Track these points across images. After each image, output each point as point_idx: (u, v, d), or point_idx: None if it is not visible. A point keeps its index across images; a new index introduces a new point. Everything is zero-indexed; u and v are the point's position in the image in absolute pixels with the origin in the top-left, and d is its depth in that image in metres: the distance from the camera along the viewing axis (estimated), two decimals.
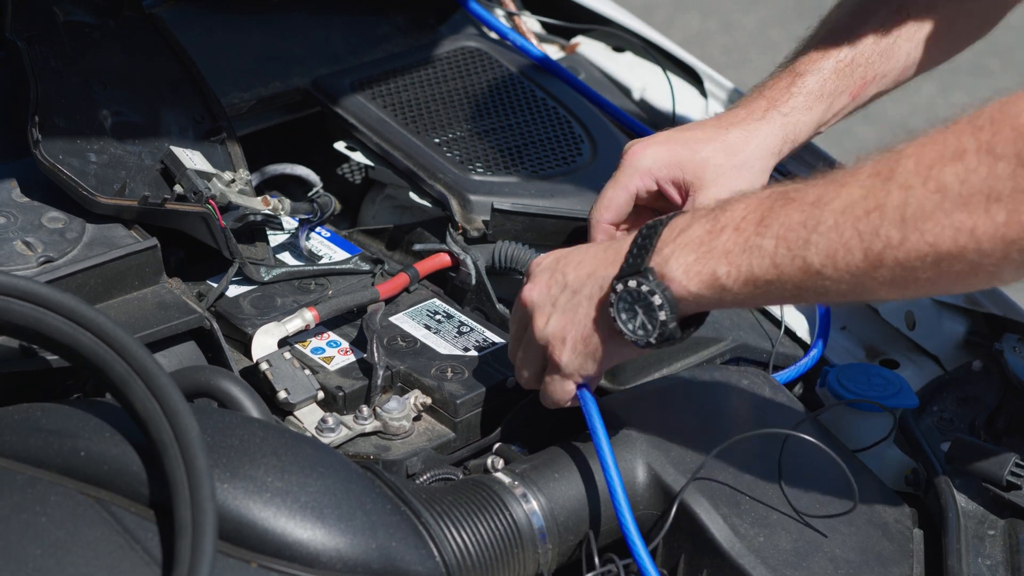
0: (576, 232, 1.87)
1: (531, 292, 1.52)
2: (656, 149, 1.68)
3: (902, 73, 1.78)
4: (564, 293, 1.49)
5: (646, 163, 1.67)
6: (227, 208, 1.73)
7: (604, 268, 1.47)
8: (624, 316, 1.44)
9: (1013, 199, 1.28)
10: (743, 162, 1.68)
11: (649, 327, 1.43)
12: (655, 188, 1.68)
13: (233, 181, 1.76)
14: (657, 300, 1.41)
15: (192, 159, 1.74)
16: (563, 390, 1.52)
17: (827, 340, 1.83)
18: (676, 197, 1.68)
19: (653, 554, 1.52)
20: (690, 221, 1.43)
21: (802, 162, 2.13)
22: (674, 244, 1.42)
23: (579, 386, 1.52)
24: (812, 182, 1.39)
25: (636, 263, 1.43)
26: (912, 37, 1.75)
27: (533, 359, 1.54)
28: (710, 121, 1.72)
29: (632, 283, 1.42)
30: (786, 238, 1.36)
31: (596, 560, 1.47)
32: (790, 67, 1.75)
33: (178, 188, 1.71)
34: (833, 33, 1.75)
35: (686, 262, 1.41)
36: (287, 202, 1.79)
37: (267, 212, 1.76)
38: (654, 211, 1.68)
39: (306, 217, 1.83)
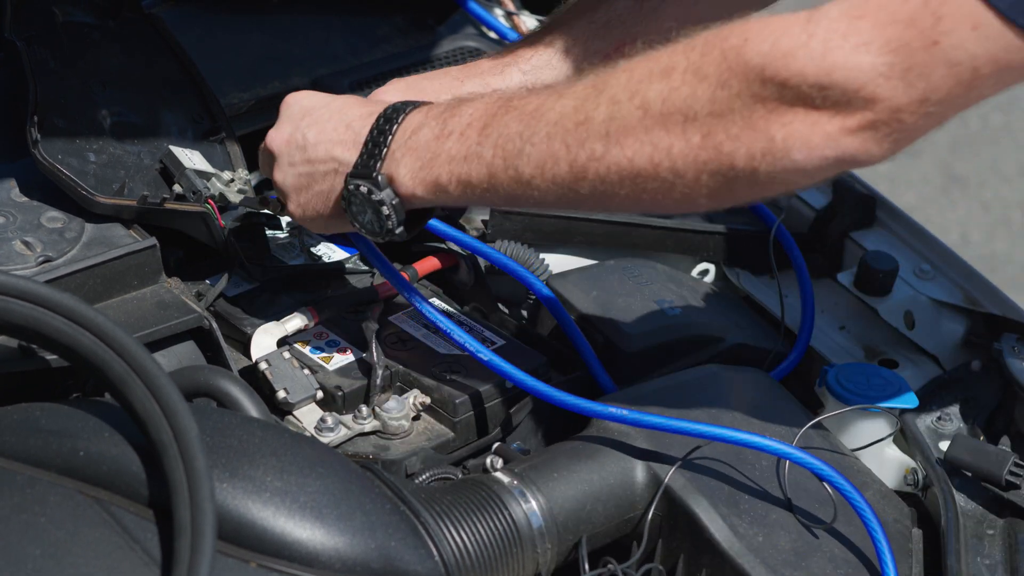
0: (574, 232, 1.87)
1: (275, 137, 1.58)
2: (398, 92, 1.66)
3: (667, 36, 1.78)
4: (302, 158, 1.55)
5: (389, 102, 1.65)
6: (226, 208, 1.73)
7: (342, 150, 1.52)
8: (355, 210, 1.52)
9: (708, 121, 1.30)
10: None
11: (376, 226, 1.52)
12: None
13: (232, 181, 1.76)
14: (385, 210, 1.49)
15: (191, 159, 1.74)
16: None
17: (811, 332, 1.82)
18: None
19: (653, 553, 1.52)
20: (421, 122, 1.48)
21: None
22: (405, 148, 1.48)
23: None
24: (536, 91, 1.44)
25: (369, 165, 1.49)
26: (681, 2, 1.70)
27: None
28: (453, 70, 1.71)
29: (364, 188, 1.49)
30: (503, 148, 1.41)
31: (586, 565, 1.47)
32: (547, 25, 1.73)
33: (177, 188, 1.71)
34: None
35: (413, 168, 1.47)
36: None
37: (266, 212, 1.76)
38: None
39: None
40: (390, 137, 1.49)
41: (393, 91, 1.67)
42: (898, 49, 1.25)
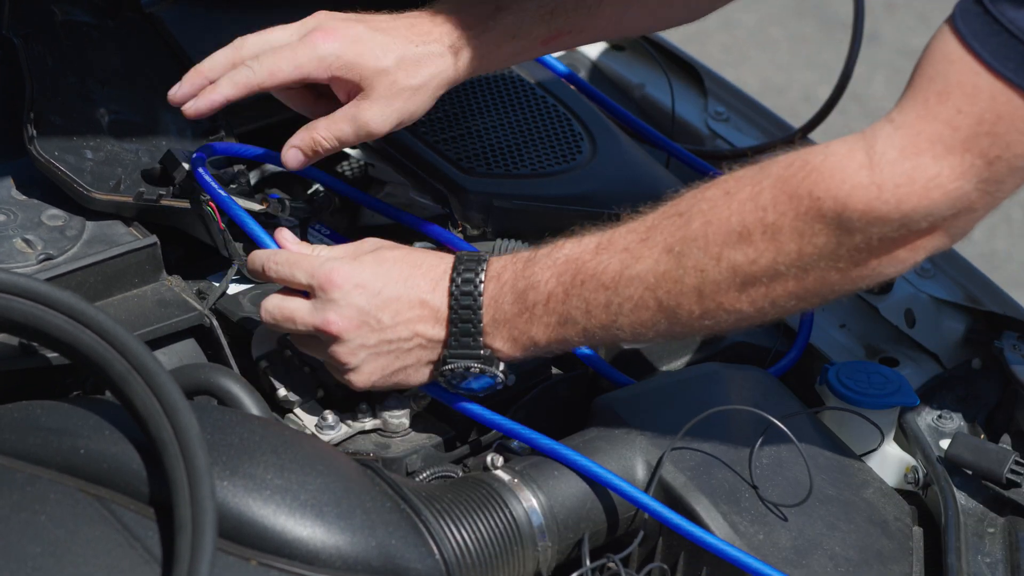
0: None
1: (337, 322, 1.52)
2: (343, 46, 1.63)
3: (603, 32, 1.79)
4: (380, 339, 1.52)
5: (329, 58, 1.63)
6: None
7: (424, 327, 1.52)
8: (456, 381, 1.54)
9: (798, 273, 1.40)
10: (420, 85, 1.65)
11: (482, 388, 1.55)
12: (324, 79, 1.64)
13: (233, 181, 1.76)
14: (498, 377, 1.53)
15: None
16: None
17: (810, 330, 1.82)
18: (341, 97, 1.66)
19: (653, 551, 1.52)
20: (497, 295, 1.50)
21: None
22: (494, 324, 1.50)
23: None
24: (600, 253, 1.46)
25: (470, 344, 1.51)
26: (619, 1, 1.72)
27: (315, 352, 1.58)
28: (402, 24, 1.65)
29: (469, 363, 1.51)
30: (596, 316, 1.46)
31: (587, 561, 1.47)
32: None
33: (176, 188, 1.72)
34: None
35: (508, 340, 1.51)
36: (287, 202, 1.79)
37: (267, 211, 1.76)
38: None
39: (306, 217, 1.83)
40: (479, 320, 1.51)
41: (341, 37, 1.62)
42: (964, 174, 1.34)
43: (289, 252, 1.58)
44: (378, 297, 1.52)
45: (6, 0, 1.80)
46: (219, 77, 1.65)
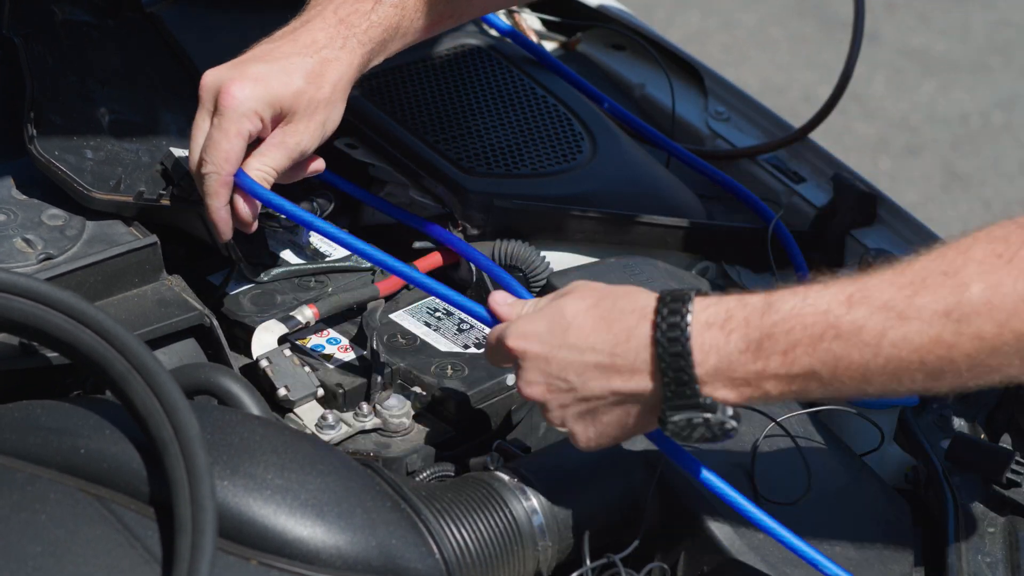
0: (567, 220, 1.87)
1: (529, 391, 1.43)
2: (254, 88, 1.62)
3: (470, 14, 1.81)
4: (574, 399, 1.41)
5: (251, 105, 1.62)
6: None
7: (621, 382, 1.39)
8: (683, 434, 1.38)
9: None
10: (330, 94, 1.65)
11: (709, 435, 1.39)
12: (261, 127, 1.63)
13: None
14: (728, 425, 1.38)
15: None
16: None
17: None
18: (269, 130, 1.65)
19: (654, 550, 1.52)
20: (721, 342, 1.35)
21: (801, 158, 2.13)
22: (713, 372, 1.36)
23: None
24: (861, 308, 1.33)
25: (688, 395, 1.36)
26: None
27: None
28: (287, 44, 1.66)
29: (698, 419, 1.37)
30: (844, 372, 1.33)
31: (588, 561, 1.47)
32: None
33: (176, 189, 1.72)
34: None
35: (731, 386, 1.36)
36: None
37: (268, 211, 1.76)
38: None
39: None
40: (692, 368, 1.35)
41: (247, 81, 1.62)
42: None
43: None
44: (554, 362, 1.41)
45: (6, 0, 1.80)
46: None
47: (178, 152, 1.73)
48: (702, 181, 2.07)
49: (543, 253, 1.84)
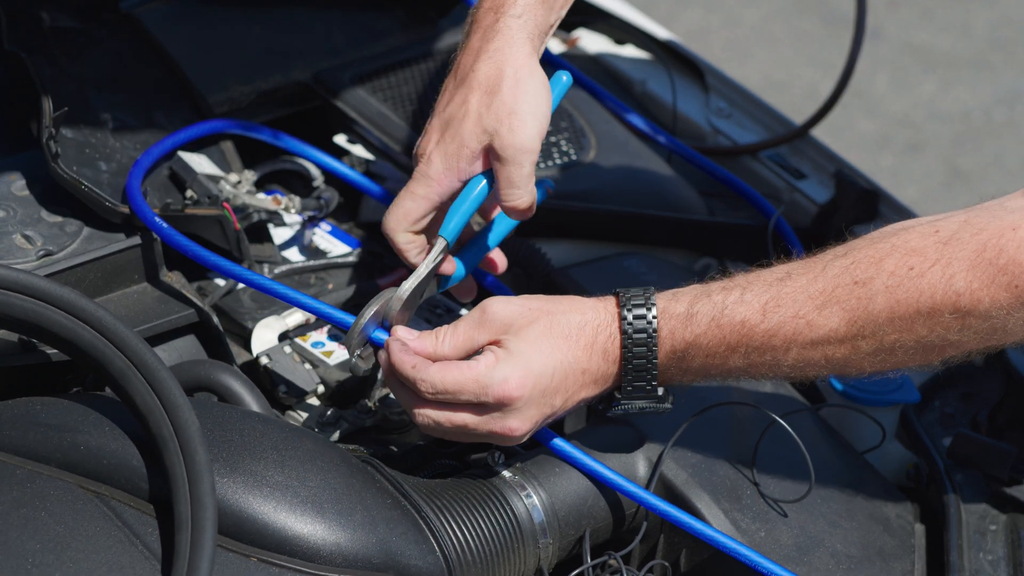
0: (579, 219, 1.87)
1: (522, 427, 1.45)
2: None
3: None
4: (551, 413, 1.47)
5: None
6: (239, 209, 1.73)
7: (588, 392, 1.47)
8: (621, 412, 1.49)
9: (985, 338, 1.40)
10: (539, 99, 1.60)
11: (649, 407, 1.49)
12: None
13: (239, 183, 1.77)
14: (669, 405, 1.48)
15: (200, 163, 1.75)
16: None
17: None
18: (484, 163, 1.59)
19: (654, 549, 1.52)
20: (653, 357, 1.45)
21: (803, 154, 2.13)
22: (677, 370, 1.47)
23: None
24: (774, 315, 1.43)
25: (642, 386, 1.47)
26: None
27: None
28: (477, 82, 1.58)
29: (650, 408, 1.48)
30: (756, 370, 1.46)
31: (588, 558, 1.47)
32: None
33: (190, 193, 1.72)
34: None
35: (688, 376, 1.48)
36: (296, 200, 1.79)
37: (278, 211, 1.76)
38: None
39: (312, 214, 1.83)
40: (654, 370, 1.46)
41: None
42: None
43: (438, 370, 1.44)
44: (549, 388, 1.45)
45: (2, 14, 1.80)
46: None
47: (186, 156, 1.74)
48: (703, 178, 2.07)
49: (544, 250, 1.84)
